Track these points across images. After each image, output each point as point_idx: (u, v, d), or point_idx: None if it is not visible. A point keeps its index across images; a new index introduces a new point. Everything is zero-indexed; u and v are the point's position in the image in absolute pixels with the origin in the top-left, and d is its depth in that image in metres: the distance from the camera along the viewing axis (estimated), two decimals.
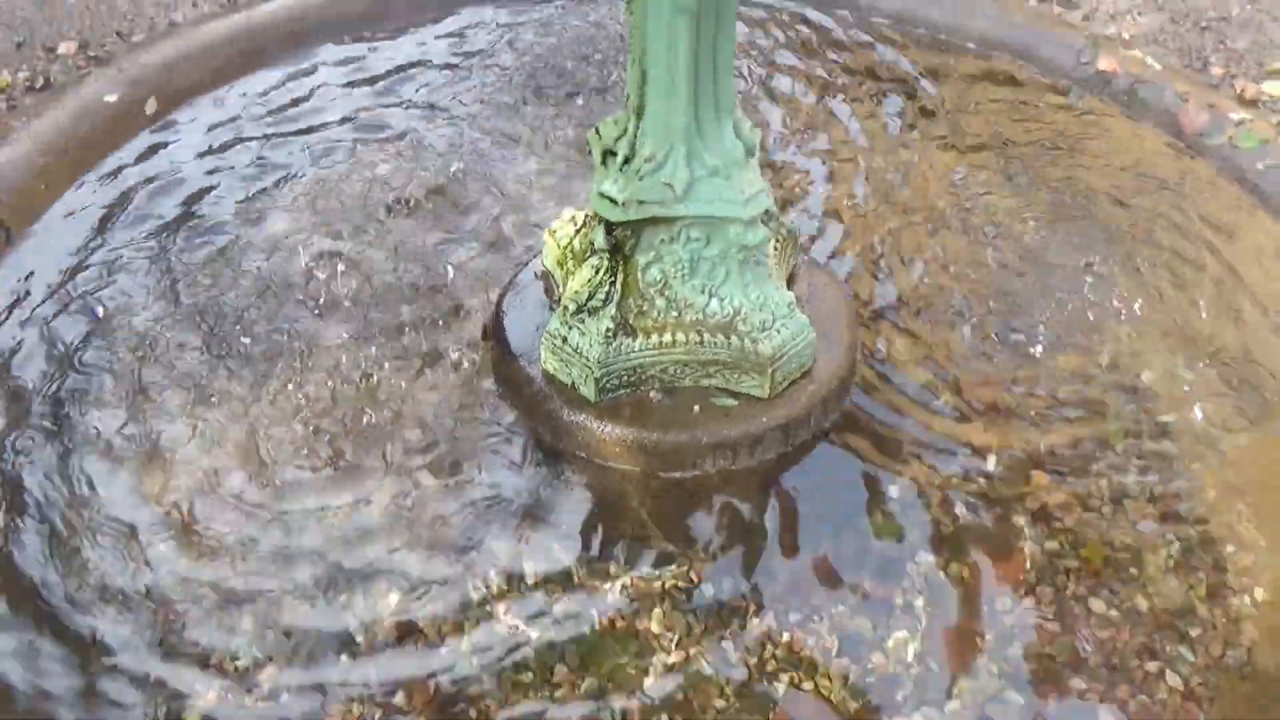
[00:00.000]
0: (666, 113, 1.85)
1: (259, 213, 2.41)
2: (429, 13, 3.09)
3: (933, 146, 2.70)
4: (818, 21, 3.09)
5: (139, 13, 3.14)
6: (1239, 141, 2.71)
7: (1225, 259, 2.40)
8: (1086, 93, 2.90)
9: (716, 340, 1.96)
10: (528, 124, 2.68)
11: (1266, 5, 3.23)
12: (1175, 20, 3.19)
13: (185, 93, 2.75)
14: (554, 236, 2.14)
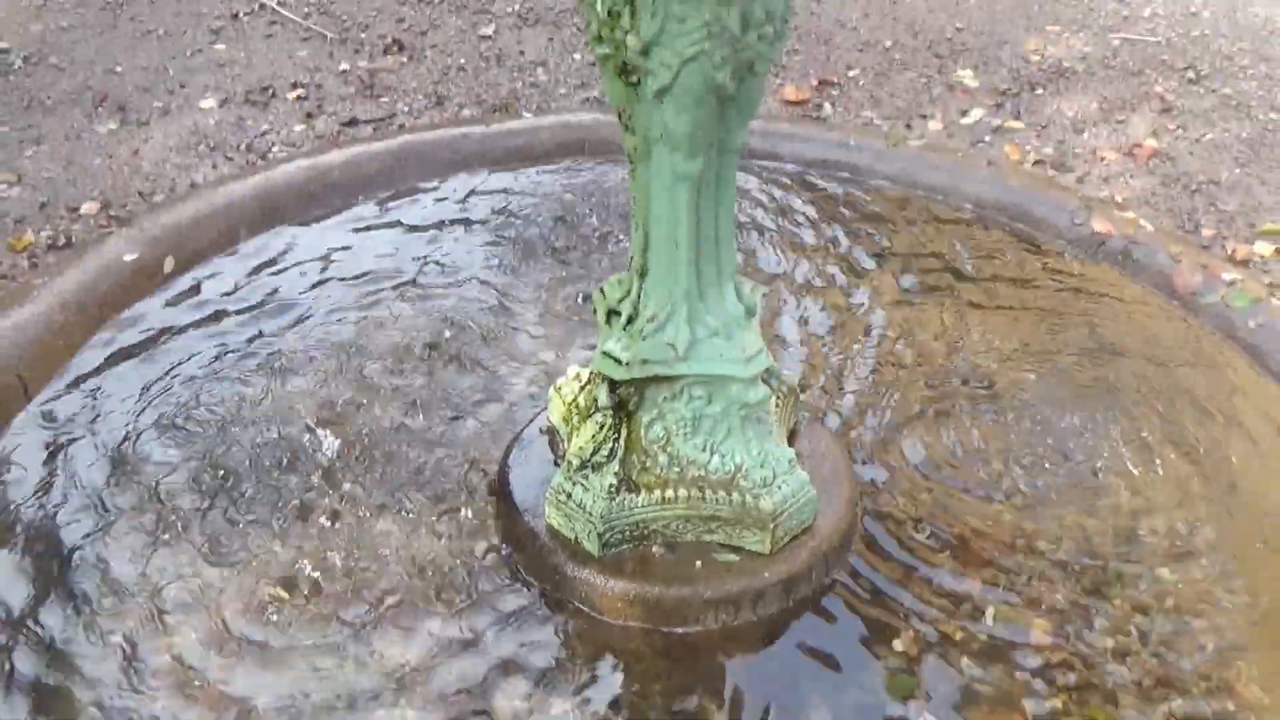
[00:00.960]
0: (669, 275, 1.90)
1: (269, 368, 2.46)
2: (441, 174, 3.18)
3: (930, 306, 2.76)
4: (817, 184, 3.18)
5: (160, 174, 3.24)
6: (1232, 301, 2.76)
7: (1222, 416, 2.44)
8: (1081, 253, 2.97)
9: (718, 496, 1.98)
10: (532, 281, 2.74)
11: (1254, 169, 3.32)
12: (1166, 184, 3.28)
13: (203, 251, 2.82)
14: (559, 393, 2.18)
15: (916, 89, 3.70)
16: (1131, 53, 3.87)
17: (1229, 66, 3.80)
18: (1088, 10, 4.11)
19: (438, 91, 3.64)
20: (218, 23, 3.97)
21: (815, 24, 4.02)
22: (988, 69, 3.79)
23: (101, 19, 3.98)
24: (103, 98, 3.56)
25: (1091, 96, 3.65)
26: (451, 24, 4.00)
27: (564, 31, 3.94)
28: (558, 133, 3.32)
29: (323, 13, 4.04)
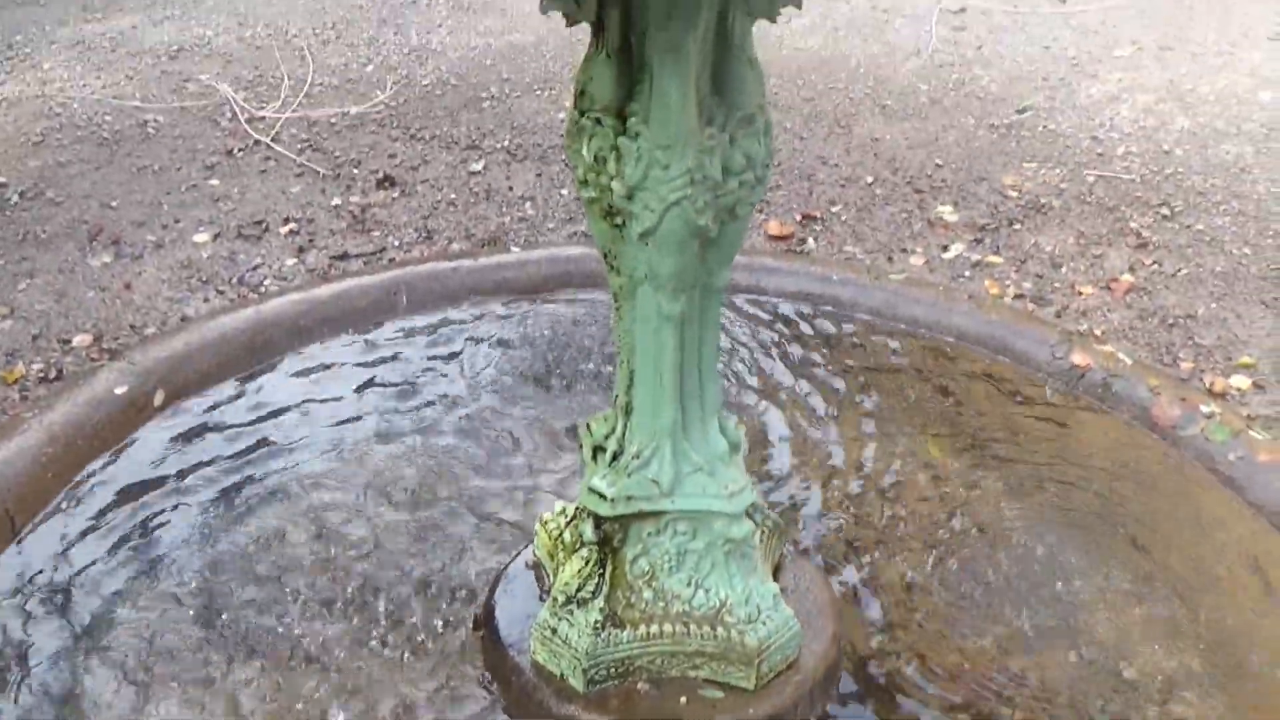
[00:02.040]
0: (654, 412, 1.93)
1: (257, 504, 2.47)
2: (431, 307, 3.22)
3: (913, 439, 2.79)
4: (801, 317, 3.22)
5: (153, 307, 3.28)
6: (1211, 434, 2.80)
7: (1204, 551, 2.45)
8: (1062, 386, 3.01)
9: (703, 632, 1.99)
10: (519, 413, 2.77)
11: (1230, 304, 3.38)
12: (1144, 317, 3.33)
13: (194, 384, 2.84)
14: (545, 527, 2.19)
15: (898, 224, 3.77)
16: (1107, 189, 3.96)
17: (1202, 202, 3.89)
18: (1063, 148, 4.21)
19: (428, 226, 3.71)
20: (212, 159, 4.05)
21: (798, 160, 4.11)
22: (967, 204, 3.87)
23: (98, 154, 4.05)
24: (97, 231, 3.62)
25: (1068, 232, 3.73)
26: (442, 160, 4.08)
27: (552, 167, 4.03)
28: (545, 266, 3.38)
29: (315, 149, 4.13)
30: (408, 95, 4.50)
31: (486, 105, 4.44)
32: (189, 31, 4.98)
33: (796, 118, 4.39)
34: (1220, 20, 5.15)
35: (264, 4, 5.25)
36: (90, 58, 4.73)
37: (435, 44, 4.90)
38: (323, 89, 4.55)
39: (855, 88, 4.61)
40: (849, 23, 5.12)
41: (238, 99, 4.42)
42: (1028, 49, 4.92)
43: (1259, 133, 4.31)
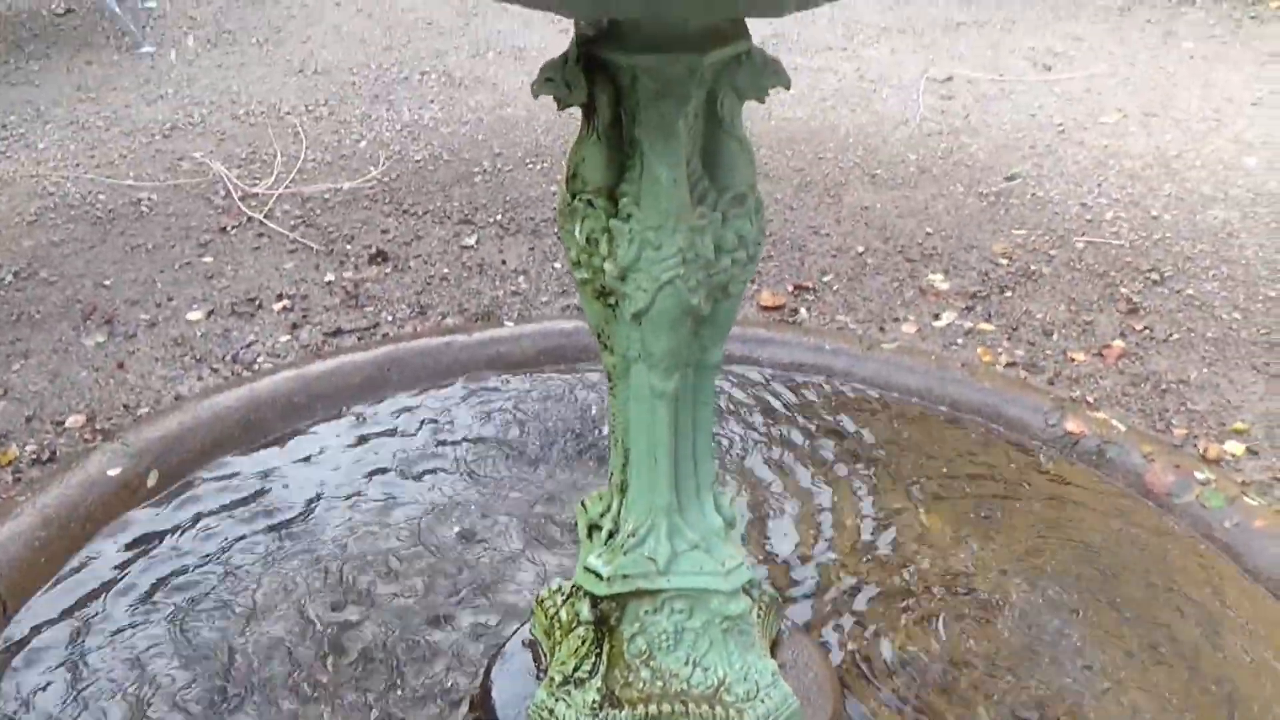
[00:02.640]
0: (649, 490, 1.93)
1: (253, 584, 2.46)
2: (424, 382, 3.22)
3: (907, 508, 2.78)
4: (795, 388, 3.23)
5: (146, 386, 3.28)
6: (1206, 500, 2.80)
7: (1207, 619, 2.44)
8: (1056, 454, 3.01)
9: (701, 711, 1.98)
10: (513, 490, 2.76)
11: (1221, 369, 3.40)
12: (1136, 383, 3.34)
13: (188, 464, 2.84)
14: (542, 606, 2.18)
15: (889, 293, 3.79)
16: (1096, 255, 3.99)
17: (1191, 268, 3.91)
18: (1052, 214, 4.24)
19: (421, 301, 3.72)
20: (206, 236, 4.07)
21: (789, 230, 4.13)
22: (958, 272, 3.89)
23: (92, 233, 4.07)
24: (91, 311, 3.63)
25: (1059, 298, 3.75)
26: (435, 234, 4.11)
27: (544, 241, 4.05)
28: (539, 340, 3.39)
29: (309, 225, 4.15)
30: (400, 171, 4.53)
31: (479, 180, 4.47)
32: (182, 110, 5.01)
33: (787, 188, 4.42)
34: (1203, 87, 5.20)
35: (257, 82, 5.30)
36: (84, 137, 4.77)
37: (427, 119, 4.94)
38: (316, 165, 4.58)
39: (844, 157, 4.65)
40: (837, 93, 5.17)
41: (231, 176, 4.45)
42: (1014, 117, 4.97)
43: (1245, 198, 4.34)
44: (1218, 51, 5.56)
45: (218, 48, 5.68)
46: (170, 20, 5.99)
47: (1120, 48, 5.62)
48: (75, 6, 6.05)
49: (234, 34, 5.84)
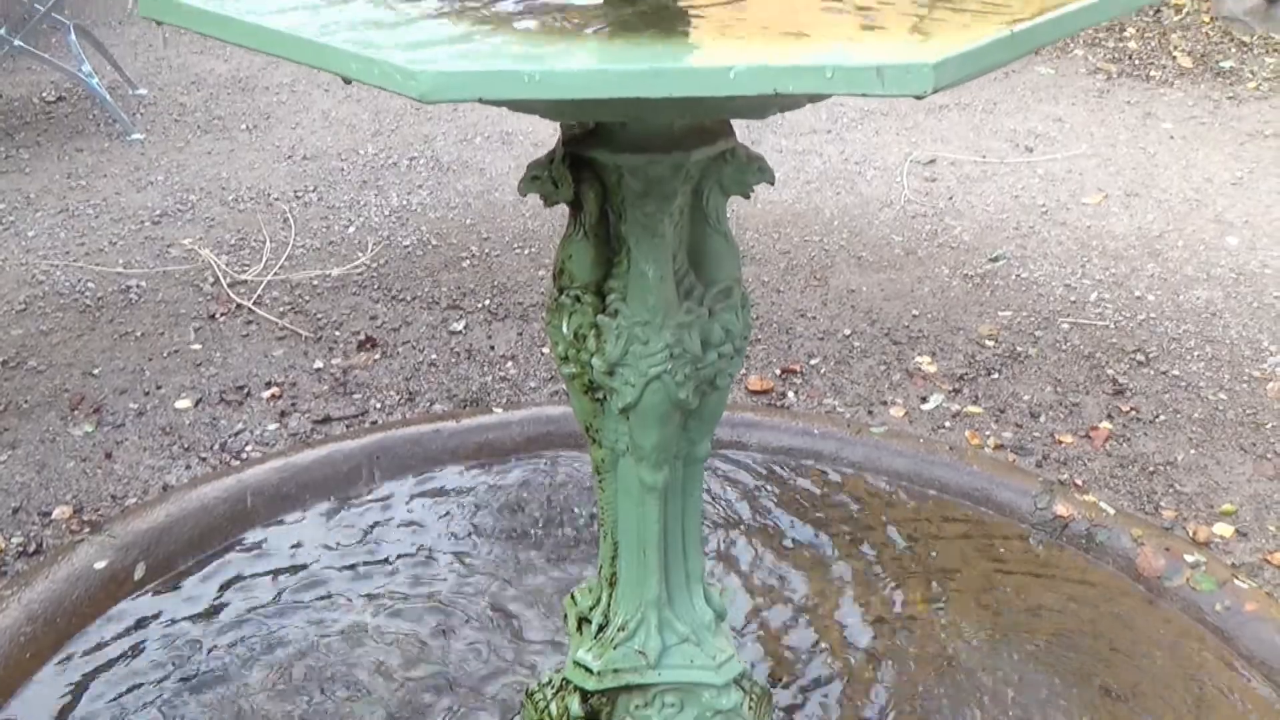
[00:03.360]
0: (638, 583, 1.93)
1: (241, 677, 2.44)
2: (413, 470, 3.22)
3: (896, 592, 2.78)
4: (783, 472, 3.23)
5: (134, 476, 3.27)
6: (1197, 584, 2.79)
7: (1196, 704, 2.43)
8: (1046, 537, 3.01)
9: None
10: (502, 583, 2.75)
11: (1209, 450, 3.41)
12: (1124, 465, 3.35)
13: (175, 556, 2.83)
14: (532, 700, 2.17)
15: (876, 376, 3.80)
16: (1082, 336, 4.01)
17: (1176, 348, 3.94)
18: (1037, 296, 4.27)
19: (409, 388, 3.72)
20: (195, 324, 4.08)
21: (776, 313, 4.16)
22: (945, 355, 3.91)
23: (81, 322, 4.08)
24: (79, 400, 3.62)
25: (1046, 380, 3.76)
26: (423, 320, 4.12)
27: (533, 326, 4.06)
28: (527, 427, 3.39)
29: (298, 311, 4.16)
30: (389, 256, 4.55)
31: (467, 265, 4.50)
32: (172, 196, 5.05)
33: (774, 270, 4.45)
34: (1184, 167, 5.27)
35: (246, 168, 5.34)
36: (74, 224, 4.79)
37: (416, 204, 4.98)
38: (304, 251, 4.60)
39: (830, 240, 4.69)
40: (822, 175, 5.22)
41: (220, 263, 4.47)
42: (998, 198, 5.02)
43: (1228, 277, 4.38)
44: (1197, 132, 5.64)
45: (208, 134, 5.73)
46: (161, 107, 6.04)
47: (1101, 129, 5.69)
48: (66, 95, 6.10)
49: (224, 120, 5.89)
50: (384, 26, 1.42)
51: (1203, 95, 6.01)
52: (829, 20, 1.49)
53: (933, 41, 1.33)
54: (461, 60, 1.29)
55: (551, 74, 1.23)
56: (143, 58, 6.56)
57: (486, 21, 1.45)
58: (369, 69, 1.26)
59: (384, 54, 1.26)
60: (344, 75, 1.29)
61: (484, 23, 1.44)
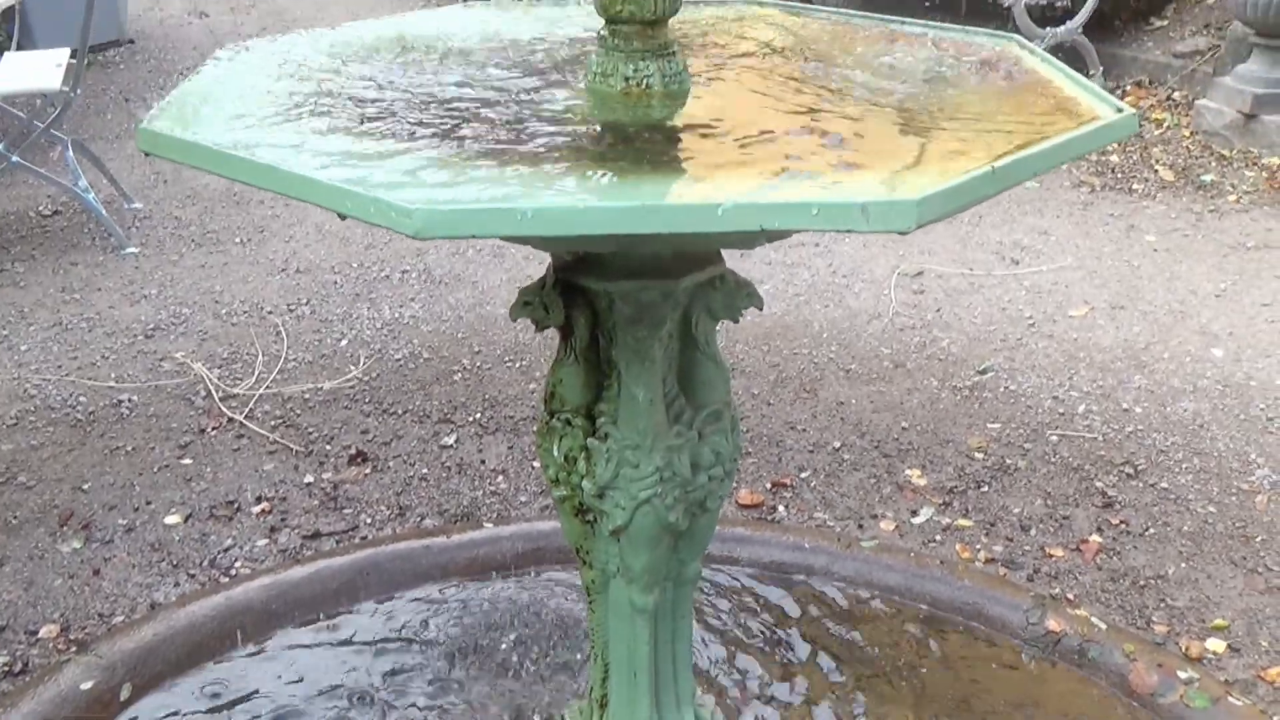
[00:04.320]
0: (629, 705, 1.93)
1: None
2: (403, 587, 3.22)
3: (891, 711, 2.76)
4: (774, 587, 3.23)
5: (122, 594, 3.25)
6: (1190, 700, 2.78)
7: None
8: (1038, 653, 3.00)
9: None
10: (491, 702, 2.73)
11: (1199, 563, 3.41)
12: (1115, 579, 3.35)
13: (162, 675, 2.81)
14: None
15: (866, 489, 3.81)
16: (1070, 449, 4.03)
17: (1165, 460, 3.95)
18: (1025, 408, 4.30)
19: (400, 502, 3.72)
20: (186, 438, 4.09)
21: (767, 426, 4.17)
22: (934, 467, 3.93)
23: (72, 436, 4.09)
24: (68, 516, 3.62)
25: (1035, 493, 3.77)
26: (414, 434, 4.13)
27: (524, 439, 4.07)
28: (518, 542, 3.39)
29: (289, 425, 4.17)
30: (381, 370, 4.57)
31: (458, 378, 4.52)
32: (166, 309, 5.08)
33: (763, 383, 4.48)
34: (1168, 279, 5.33)
35: (240, 281, 5.38)
36: (66, 338, 4.81)
37: (408, 318, 5.01)
38: (297, 365, 4.62)
39: (819, 352, 4.72)
40: (810, 288, 5.27)
41: (212, 377, 4.49)
42: (985, 310, 5.06)
43: (1214, 389, 4.41)
44: (1180, 244, 5.71)
45: (202, 247, 5.78)
46: (155, 221, 6.10)
47: (1085, 241, 5.77)
48: (62, 209, 6.16)
49: (218, 234, 5.94)
50: (374, 162, 1.45)
51: (1185, 208, 6.10)
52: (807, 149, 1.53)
53: (916, 177, 1.37)
54: (454, 198, 1.32)
55: (544, 211, 1.26)
56: (138, 171, 6.63)
57: (476, 157, 1.48)
58: (364, 206, 1.29)
59: (378, 191, 1.29)
60: (339, 211, 1.32)
61: (473, 159, 1.48)
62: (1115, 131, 1.58)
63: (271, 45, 2.02)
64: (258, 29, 9.19)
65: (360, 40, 2.09)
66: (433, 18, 2.23)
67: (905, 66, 1.91)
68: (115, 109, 7.55)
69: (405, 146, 1.50)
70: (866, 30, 2.12)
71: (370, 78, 1.82)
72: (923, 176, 1.36)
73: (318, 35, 2.08)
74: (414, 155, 1.47)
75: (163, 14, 9.57)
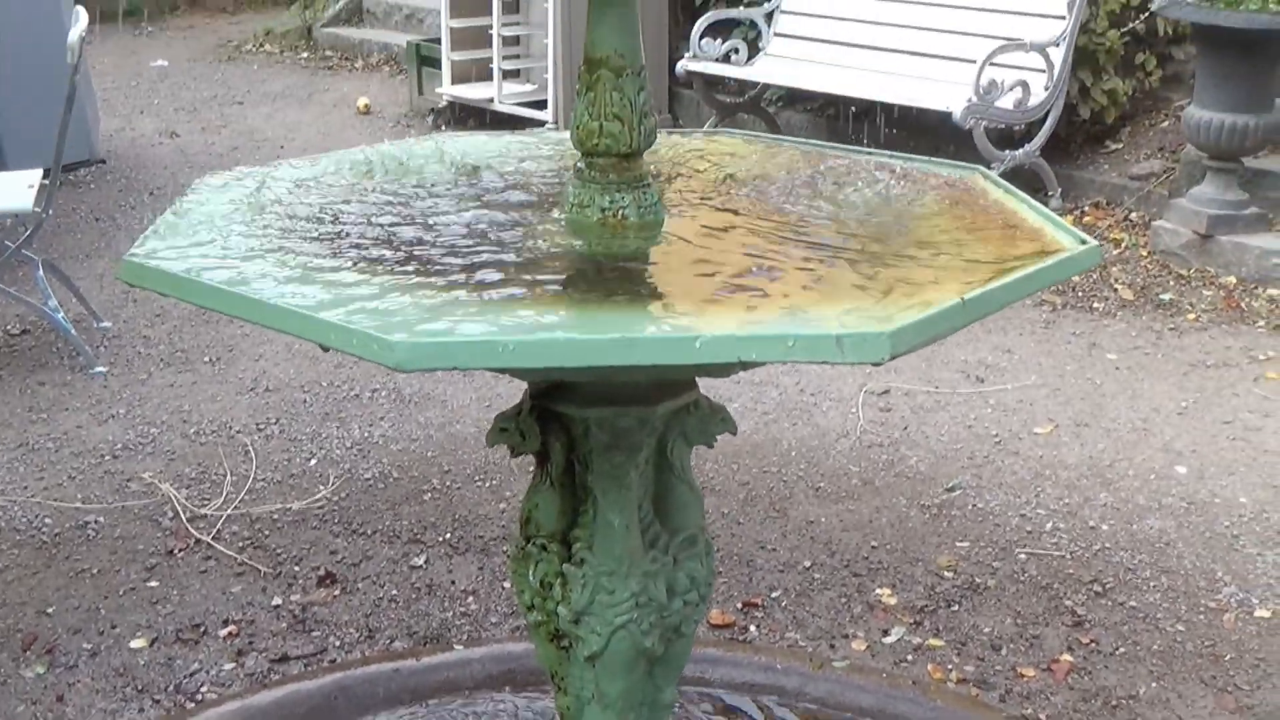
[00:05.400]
0: None
1: None
2: (372, 711, 3.18)
3: None
4: (747, 709, 3.21)
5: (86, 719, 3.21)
6: None
7: None
8: None
9: None
10: None
11: (1170, 682, 3.42)
12: (1086, 699, 3.35)
13: None
14: None
15: (838, 608, 3.81)
16: (1039, 567, 4.05)
17: (1132, 579, 3.98)
18: (993, 526, 4.32)
19: (369, 624, 3.70)
20: (153, 560, 4.06)
21: (737, 545, 4.18)
22: (904, 586, 3.93)
23: (37, 559, 4.05)
24: (31, 640, 3.57)
25: (1005, 612, 3.78)
26: (383, 554, 4.11)
27: (494, 560, 4.06)
28: (489, 664, 3.36)
29: (257, 546, 4.15)
30: (350, 490, 4.56)
31: (428, 497, 4.51)
32: (134, 429, 5.06)
33: (733, 502, 4.49)
34: (1130, 397, 5.39)
35: (208, 400, 5.37)
36: (33, 459, 4.78)
37: (377, 437, 5.01)
38: (265, 485, 4.61)
39: (788, 470, 4.74)
40: (779, 406, 5.31)
41: (180, 497, 4.46)
42: (952, 428, 5.10)
43: (1179, 506, 4.45)
44: (1141, 362, 5.79)
45: (171, 366, 5.77)
46: (125, 340, 6.10)
47: (1049, 359, 5.84)
48: (31, 328, 6.15)
49: (187, 353, 5.94)
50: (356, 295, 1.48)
51: (1145, 326, 6.20)
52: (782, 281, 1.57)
53: (888, 309, 1.41)
54: (435, 330, 1.35)
55: (524, 344, 1.29)
56: (108, 290, 6.64)
57: (457, 289, 1.52)
58: (347, 338, 1.31)
59: (361, 325, 1.31)
60: (322, 344, 1.34)
61: (454, 290, 1.51)
62: (1080, 263, 1.63)
63: (251, 174, 2.06)
64: (228, 148, 9.28)
65: (339, 169, 2.13)
66: (414, 147, 2.28)
67: (873, 196, 1.96)
68: (86, 228, 7.57)
69: (387, 279, 1.53)
70: (833, 159, 2.18)
71: (351, 210, 1.86)
72: (895, 308, 1.40)
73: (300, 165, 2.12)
74: (395, 288, 1.50)
75: (134, 133, 9.64)
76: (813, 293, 1.50)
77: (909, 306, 1.38)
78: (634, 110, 1.75)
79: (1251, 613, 3.80)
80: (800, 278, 1.57)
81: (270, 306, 1.37)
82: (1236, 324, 6.18)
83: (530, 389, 1.81)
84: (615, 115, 1.73)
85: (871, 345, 1.27)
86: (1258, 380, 5.55)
